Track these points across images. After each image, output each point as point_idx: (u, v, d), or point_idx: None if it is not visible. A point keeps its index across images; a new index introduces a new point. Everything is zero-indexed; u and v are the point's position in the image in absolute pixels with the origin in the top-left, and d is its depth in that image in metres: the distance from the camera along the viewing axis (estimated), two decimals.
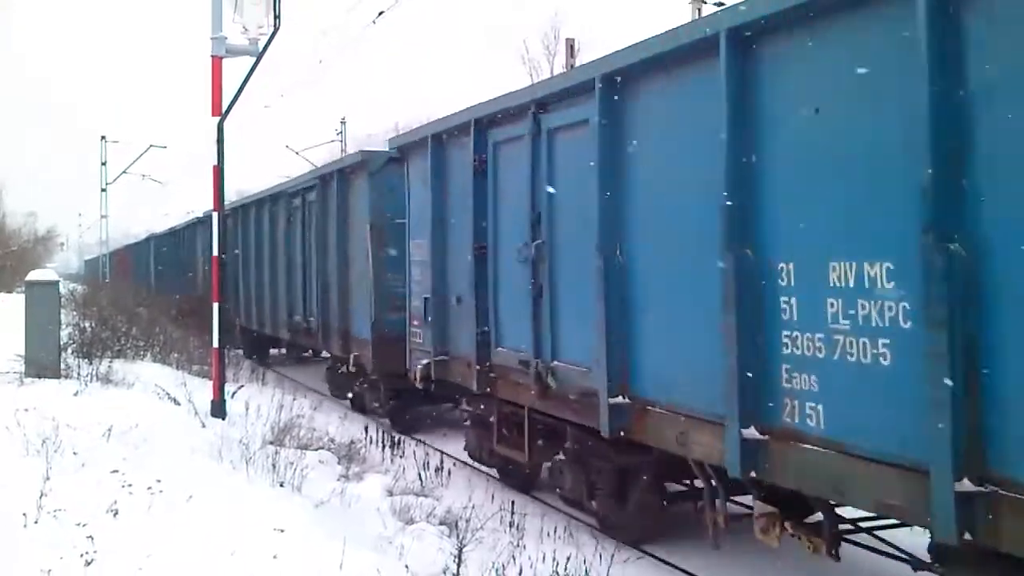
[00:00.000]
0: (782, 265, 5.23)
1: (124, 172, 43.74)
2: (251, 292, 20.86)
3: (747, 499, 6.22)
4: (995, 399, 4.06)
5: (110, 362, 13.14)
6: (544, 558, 6.75)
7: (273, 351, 22.36)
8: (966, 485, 4.09)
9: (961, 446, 4.11)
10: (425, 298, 10.15)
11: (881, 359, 4.61)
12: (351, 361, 14.01)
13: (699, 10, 21.47)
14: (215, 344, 11.62)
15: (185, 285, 27.60)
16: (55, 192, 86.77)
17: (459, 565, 6.09)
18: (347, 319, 14.18)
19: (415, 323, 10.61)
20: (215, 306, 11.71)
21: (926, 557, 4.98)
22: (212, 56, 11.34)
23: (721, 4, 19.66)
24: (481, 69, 71.02)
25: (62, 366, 12.36)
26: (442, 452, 10.91)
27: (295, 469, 8.07)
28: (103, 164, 43.79)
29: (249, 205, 21.33)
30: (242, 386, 13.04)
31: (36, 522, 6.02)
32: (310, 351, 20.06)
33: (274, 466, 8.17)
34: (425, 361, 10.02)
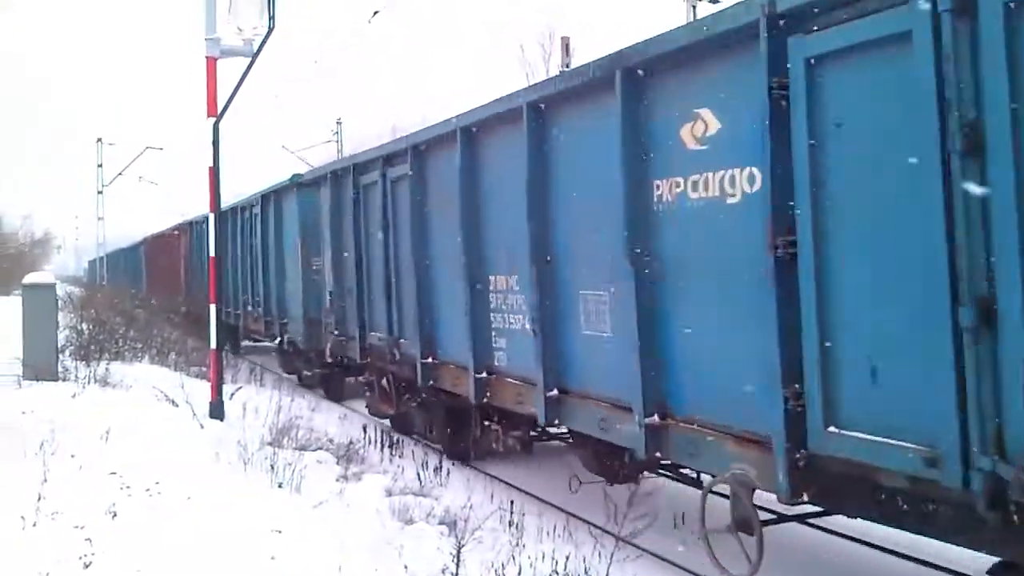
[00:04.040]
0: None
1: (120, 174, 43.78)
2: None
3: None
4: None
5: (108, 364, 13.17)
6: (543, 557, 6.75)
7: None
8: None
9: None
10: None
11: None
12: None
13: (694, 8, 21.46)
14: (213, 345, 11.62)
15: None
16: (51, 195, 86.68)
17: (458, 565, 6.08)
18: None
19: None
20: (212, 308, 11.71)
21: None
22: (207, 57, 11.33)
23: (716, 1, 19.66)
24: (482, 66, 70.89)
25: (60, 368, 12.38)
26: (441, 452, 10.90)
27: (293, 470, 8.07)
28: (99, 166, 43.82)
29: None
30: (240, 387, 13.03)
31: (34, 525, 6.03)
32: None
33: (272, 467, 8.16)
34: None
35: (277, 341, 16.99)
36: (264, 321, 17.42)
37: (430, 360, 9.71)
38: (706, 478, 6.10)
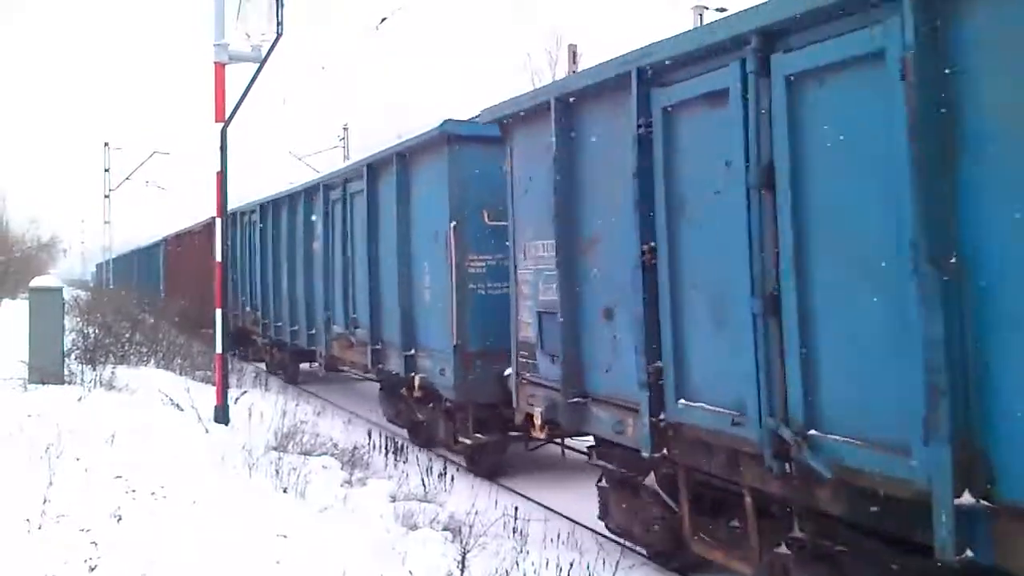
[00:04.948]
0: None
1: (127, 179, 43.85)
2: None
3: None
4: None
5: (113, 368, 13.18)
6: (547, 564, 6.74)
7: None
8: None
9: None
10: None
11: None
12: None
13: (701, 16, 21.50)
14: (219, 350, 11.64)
15: None
16: (58, 199, 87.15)
17: (462, 571, 6.08)
18: None
19: None
20: (218, 312, 11.73)
21: None
22: (215, 63, 11.37)
23: (723, 9, 19.70)
24: (483, 73, 71.08)
25: (66, 372, 12.40)
26: (445, 458, 10.89)
27: (298, 475, 8.08)
28: (106, 170, 43.89)
29: None
30: (245, 392, 13.05)
31: (40, 528, 6.03)
32: None
33: (277, 472, 8.18)
34: None
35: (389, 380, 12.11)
36: (370, 350, 12.02)
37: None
38: None
